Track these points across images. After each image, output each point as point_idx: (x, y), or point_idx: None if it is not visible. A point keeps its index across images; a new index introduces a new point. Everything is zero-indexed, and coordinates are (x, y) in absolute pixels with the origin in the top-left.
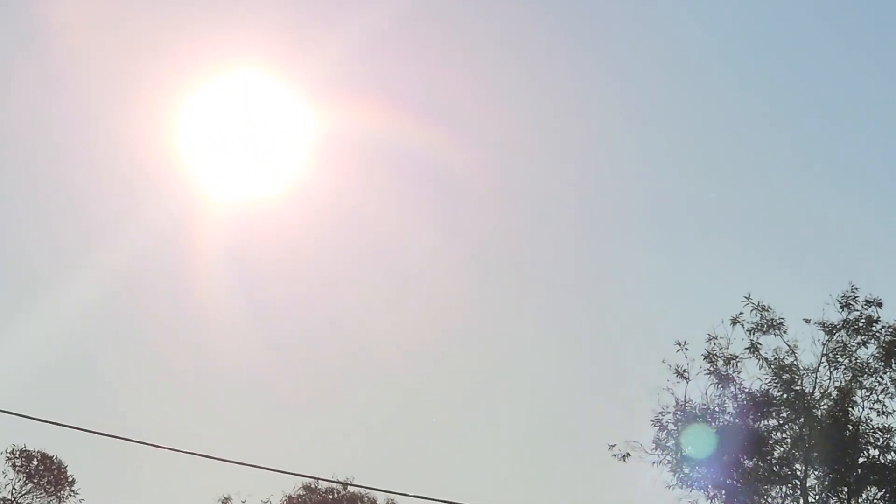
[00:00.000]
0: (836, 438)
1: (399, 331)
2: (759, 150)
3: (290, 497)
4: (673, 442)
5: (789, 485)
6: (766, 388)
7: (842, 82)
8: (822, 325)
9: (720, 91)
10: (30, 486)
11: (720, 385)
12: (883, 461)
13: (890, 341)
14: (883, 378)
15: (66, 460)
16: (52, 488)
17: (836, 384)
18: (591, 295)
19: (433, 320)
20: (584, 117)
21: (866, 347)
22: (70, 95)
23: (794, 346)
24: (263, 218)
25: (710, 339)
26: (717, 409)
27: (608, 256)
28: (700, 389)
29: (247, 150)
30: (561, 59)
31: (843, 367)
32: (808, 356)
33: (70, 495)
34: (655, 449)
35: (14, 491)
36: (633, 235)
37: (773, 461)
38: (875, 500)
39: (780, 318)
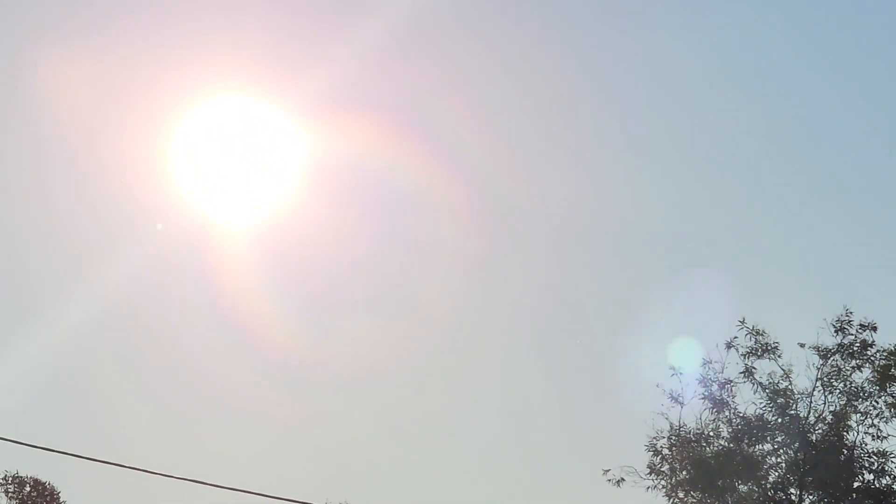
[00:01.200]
0: (831, 463)
1: (391, 353)
2: (752, 173)
3: None
4: (668, 467)
5: None
6: (761, 412)
7: (838, 105)
8: (817, 349)
9: (713, 112)
10: None
11: (715, 409)
12: (878, 485)
13: (885, 365)
14: (878, 402)
15: (59, 486)
16: None
17: (831, 408)
18: (583, 319)
19: (425, 342)
20: (573, 141)
21: (861, 371)
22: (63, 118)
23: (789, 370)
24: (255, 241)
25: (704, 364)
26: (711, 433)
27: (600, 280)
28: (695, 414)
29: (238, 174)
30: (553, 79)
31: (837, 391)
32: (802, 380)
33: None
34: (650, 474)
35: None
36: (626, 259)
37: (769, 486)
38: None
39: (774, 343)
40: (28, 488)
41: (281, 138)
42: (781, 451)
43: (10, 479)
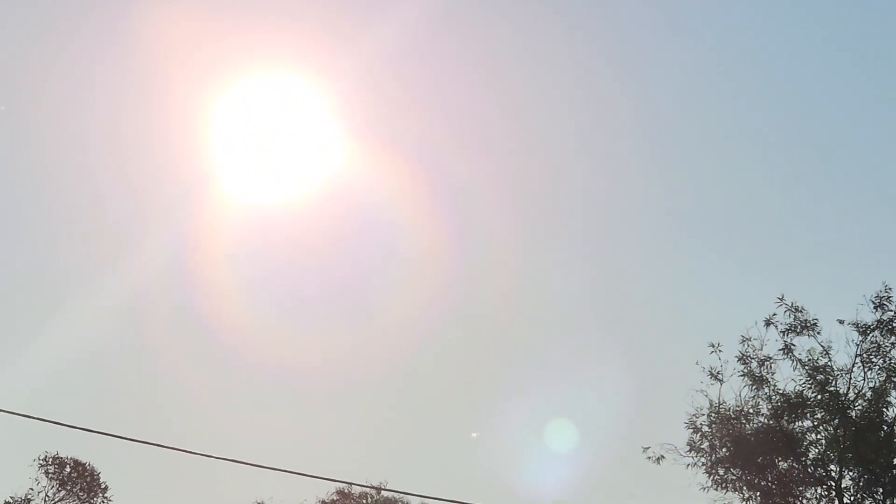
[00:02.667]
0: (871, 439)
1: (430, 336)
2: (790, 152)
3: (323, 502)
4: (707, 444)
5: (824, 486)
6: (801, 389)
7: (871, 83)
8: (856, 325)
9: (753, 92)
10: (63, 493)
11: (754, 386)
12: None
13: None
14: None
15: (99, 467)
16: (85, 495)
17: (871, 385)
18: (625, 298)
19: (466, 326)
20: (613, 121)
21: None
22: (101, 97)
23: (828, 346)
24: (289, 220)
25: (743, 341)
26: (751, 410)
27: (641, 259)
28: (734, 391)
29: (276, 153)
30: (579, 66)
31: (877, 367)
32: (842, 357)
33: (103, 502)
34: (690, 451)
35: (47, 498)
36: (668, 238)
37: (808, 462)
38: None
39: (813, 319)
40: (68, 469)
41: (320, 119)
42: (821, 427)
43: (51, 459)
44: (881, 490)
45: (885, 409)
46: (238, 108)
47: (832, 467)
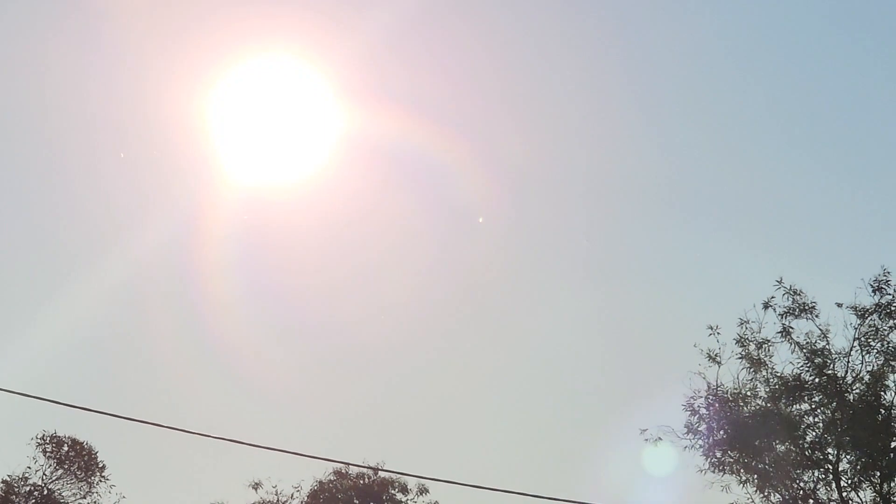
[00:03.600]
0: (868, 423)
1: (427, 315)
2: (789, 135)
3: (320, 482)
4: (705, 426)
5: (821, 469)
6: (798, 372)
7: (874, 66)
8: (855, 308)
9: (751, 74)
10: (60, 471)
11: (752, 369)
12: None
13: None
14: None
15: (97, 446)
16: (83, 474)
17: (869, 368)
18: (622, 280)
19: (460, 305)
20: (611, 97)
21: None
22: (98, 77)
23: (826, 330)
24: (289, 204)
25: (741, 324)
26: (748, 393)
27: (640, 241)
28: (732, 374)
29: (273, 136)
30: (579, 42)
31: (875, 351)
32: (840, 340)
33: (101, 481)
34: (687, 433)
35: (45, 477)
36: (666, 220)
37: (806, 445)
38: None
39: (812, 302)
40: (66, 448)
41: (319, 104)
42: (819, 410)
43: (49, 438)
44: (878, 473)
45: (882, 393)
46: (238, 91)
47: (829, 450)
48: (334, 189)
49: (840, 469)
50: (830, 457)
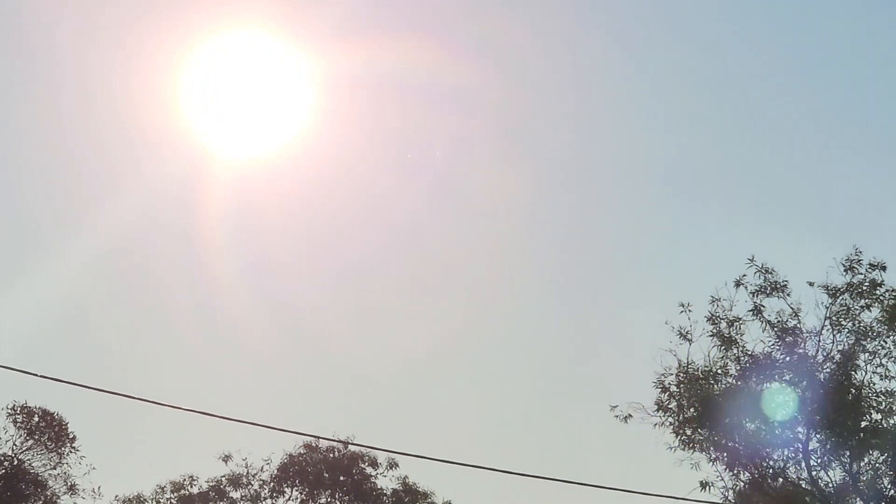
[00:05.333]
0: (838, 402)
1: (403, 288)
2: (763, 109)
3: (290, 455)
4: (675, 403)
5: (791, 448)
6: (769, 350)
7: (850, 42)
8: (826, 288)
9: (723, 47)
10: (30, 442)
11: (723, 347)
12: (885, 425)
13: (894, 305)
14: (886, 342)
15: (67, 417)
16: (53, 445)
17: (840, 348)
18: (594, 256)
19: (436, 277)
20: (582, 71)
21: (870, 311)
22: (72, 50)
23: (798, 308)
24: (269, 174)
25: (713, 301)
26: (719, 371)
27: (611, 218)
28: (703, 351)
29: (250, 106)
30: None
31: (846, 330)
32: (811, 319)
33: (71, 451)
34: (657, 410)
35: (14, 447)
36: (638, 198)
37: (776, 424)
38: (877, 465)
39: (783, 281)
40: (36, 418)
41: (293, 67)
42: (789, 389)
43: (19, 409)
44: (848, 453)
45: (853, 373)
46: (211, 64)
47: (799, 429)
48: (315, 155)
49: (810, 448)
50: (800, 435)
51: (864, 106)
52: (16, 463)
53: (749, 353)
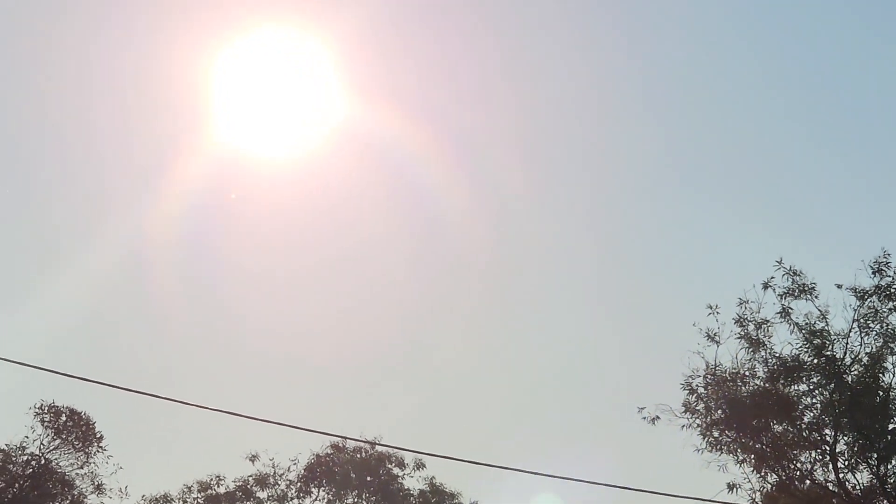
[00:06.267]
0: (866, 405)
1: (433, 291)
2: (793, 114)
3: (317, 455)
4: (702, 406)
5: (818, 450)
6: (797, 353)
7: (876, 43)
8: (854, 290)
9: (750, 50)
10: (58, 441)
11: (751, 349)
12: None
13: None
14: None
15: (95, 417)
16: (80, 444)
17: (867, 350)
18: (622, 258)
19: (461, 280)
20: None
21: None
22: (98, 53)
23: (826, 311)
24: (295, 175)
25: (741, 304)
26: (747, 373)
27: (639, 219)
28: (730, 353)
29: (277, 107)
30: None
31: (874, 333)
32: (839, 322)
33: (98, 451)
34: (685, 412)
35: (42, 446)
36: (667, 197)
37: (803, 427)
38: None
39: (811, 283)
40: (64, 418)
41: (322, 74)
42: (817, 392)
43: (47, 408)
44: (875, 455)
45: (881, 375)
46: (238, 63)
47: (827, 432)
48: (327, 171)
49: (837, 450)
50: (828, 438)
51: (890, 106)
52: (43, 462)
53: (777, 355)
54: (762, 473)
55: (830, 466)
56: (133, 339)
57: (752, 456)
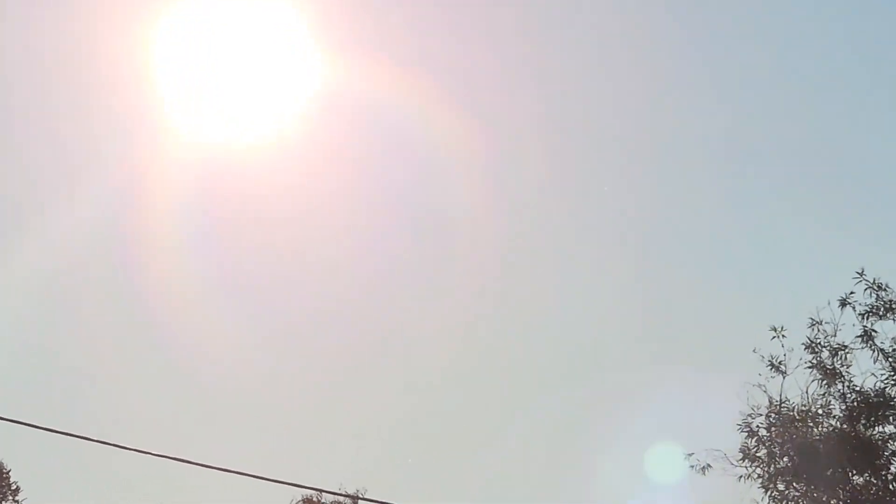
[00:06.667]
0: None
1: (410, 317)
2: (871, 101)
3: None
4: (765, 451)
5: None
6: (883, 386)
7: None
8: None
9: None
10: None
11: (825, 381)
12: None
13: None
14: None
15: (10, 463)
16: None
17: None
18: (664, 263)
19: (456, 305)
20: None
21: None
22: (49, 19)
23: None
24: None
25: (813, 325)
26: (820, 411)
27: (688, 216)
28: (800, 386)
29: (240, 88)
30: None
31: None
32: None
33: None
34: (743, 460)
35: None
36: (722, 190)
37: (890, 477)
38: None
39: None
40: None
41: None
42: None
43: None
44: None
45: None
46: (195, 29)
47: None
48: (309, 152)
49: None
50: None
51: None
52: None
53: (857, 388)
54: None
55: None
56: (64, 370)
57: None
